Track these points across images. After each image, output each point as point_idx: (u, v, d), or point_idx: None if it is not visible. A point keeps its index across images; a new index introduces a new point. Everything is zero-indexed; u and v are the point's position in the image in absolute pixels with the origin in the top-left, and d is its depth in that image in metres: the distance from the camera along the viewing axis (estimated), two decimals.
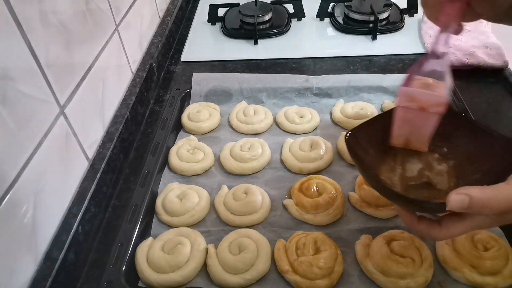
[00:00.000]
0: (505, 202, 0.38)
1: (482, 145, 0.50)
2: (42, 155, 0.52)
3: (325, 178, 0.66)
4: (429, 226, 0.43)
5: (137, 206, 0.62)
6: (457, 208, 0.38)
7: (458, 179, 0.51)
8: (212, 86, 0.86)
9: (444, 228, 0.42)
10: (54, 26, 0.56)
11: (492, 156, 0.48)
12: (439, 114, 0.48)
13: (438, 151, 0.54)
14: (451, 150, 0.53)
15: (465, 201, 0.38)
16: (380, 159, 0.54)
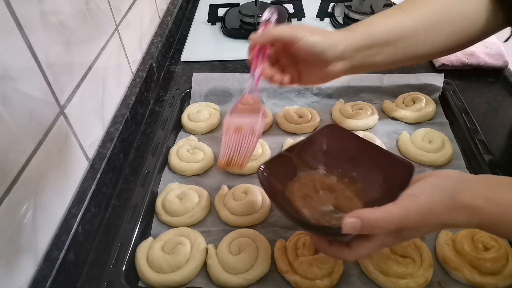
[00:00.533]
0: (392, 221, 0.40)
1: (383, 168, 0.53)
2: (42, 155, 0.52)
3: None
4: (339, 249, 0.45)
5: (137, 206, 0.62)
6: (350, 230, 0.40)
7: (363, 202, 0.54)
8: (212, 86, 0.86)
9: (353, 249, 0.43)
10: (54, 26, 0.56)
11: (391, 178, 0.51)
12: (255, 131, 0.56)
13: (347, 175, 0.57)
14: (358, 174, 0.56)
15: (356, 223, 0.40)
16: (295, 188, 0.56)
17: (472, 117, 0.74)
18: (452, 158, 0.70)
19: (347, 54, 0.54)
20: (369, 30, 0.53)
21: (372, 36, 0.53)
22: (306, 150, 0.58)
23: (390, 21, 0.53)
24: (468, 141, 0.70)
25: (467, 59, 0.90)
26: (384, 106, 0.81)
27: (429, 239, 0.58)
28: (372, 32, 0.53)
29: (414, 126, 0.77)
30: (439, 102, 0.81)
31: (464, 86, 0.87)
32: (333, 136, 0.58)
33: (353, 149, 0.57)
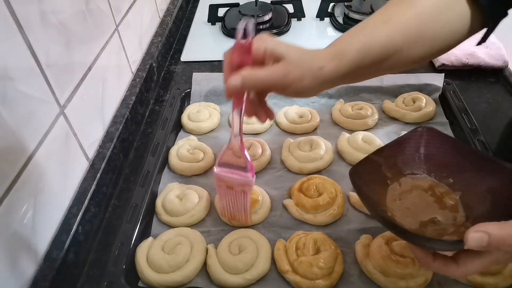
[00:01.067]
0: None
1: (488, 176, 0.49)
2: (42, 155, 0.52)
3: (325, 178, 0.66)
4: (445, 264, 0.42)
5: (137, 206, 0.62)
6: (475, 246, 0.37)
7: (465, 213, 0.50)
8: (212, 86, 0.86)
9: (462, 265, 0.40)
10: (54, 26, 0.56)
11: (497, 187, 0.48)
12: (246, 192, 0.55)
13: (446, 182, 0.53)
14: (456, 182, 0.53)
15: (484, 239, 0.37)
16: (384, 194, 0.53)
17: (472, 117, 0.74)
18: None
19: (333, 86, 0.51)
20: (359, 55, 0.47)
21: (361, 61, 0.48)
22: (397, 154, 0.54)
23: (379, 38, 0.48)
24: (468, 141, 0.70)
25: (467, 59, 0.90)
26: (384, 106, 0.81)
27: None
28: (362, 56, 0.48)
29: (414, 126, 0.76)
30: (439, 102, 0.81)
31: (464, 86, 0.87)
32: (429, 139, 0.54)
33: (451, 154, 0.52)
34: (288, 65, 0.46)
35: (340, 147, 0.73)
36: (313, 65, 0.47)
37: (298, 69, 0.47)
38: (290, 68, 0.46)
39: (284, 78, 0.46)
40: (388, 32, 0.48)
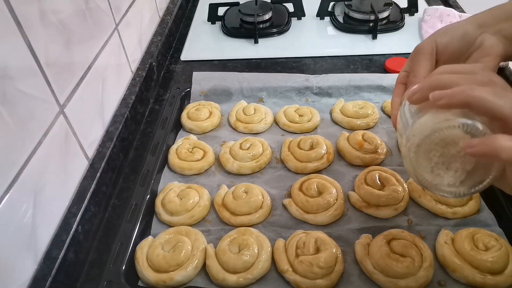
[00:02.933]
0: None
1: None
2: (42, 155, 0.52)
3: (325, 177, 0.66)
4: None
5: (137, 206, 0.62)
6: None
7: None
8: (212, 85, 0.85)
9: None
10: (54, 25, 0.56)
11: None
12: None
13: None
14: None
15: None
16: None
17: None
18: None
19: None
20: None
21: None
22: None
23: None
24: None
25: None
26: (384, 105, 0.81)
27: (429, 239, 0.58)
28: None
29: None
30: None
31: None
32: None
33: None
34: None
35: (340, 147, 0.72)
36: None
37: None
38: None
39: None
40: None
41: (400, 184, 0.64)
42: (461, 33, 0.54)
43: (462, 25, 0.55)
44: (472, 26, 0.55)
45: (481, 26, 0.54)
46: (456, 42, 0.54)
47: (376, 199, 0.62)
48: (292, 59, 1.00)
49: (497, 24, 0.54)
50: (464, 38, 0.54)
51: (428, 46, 0.53)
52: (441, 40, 0.54)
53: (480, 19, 0.55)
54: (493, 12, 0.56)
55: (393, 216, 0.61)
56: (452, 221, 0.60)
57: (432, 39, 0.54)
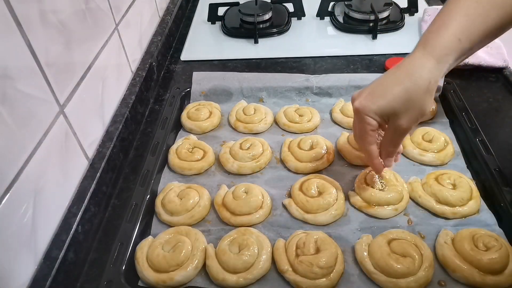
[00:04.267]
0: None
1: None
2: (42, 155, 0.52)
3: (325, 177, 0.66)
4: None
5: (137, 206, 0.62)
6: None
7: None
8: (212, 85, 0.85)
9: None
10: (54, 25, 0.56)
11: None
12: None
13: None
14: None
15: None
16: None
17: (472, 116, 0.74)
18: (452, 157, 0.70)
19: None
20: (465, 44, 0.49)
21: (472, 44, 0.50)
22: None
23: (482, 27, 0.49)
24: (468, 140, 0.70)
25: (467, 59, 0.90)
26: None
27: (429, 239, 0.58)
28: (466, 49, 0.50)
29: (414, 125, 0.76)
30: (439, 101, 0.81)
31: (464, 85, 0.87)
32: None
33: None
34: (405, 117, 0.50)
35: (340, 147, 0.72)
36: (420, 91, 0.48)
37: (413, 110, 0.50)
38: (408, 116, 0.50)
39: (409, 126, 0.51)
40: (483, 11, 0.49)
41: (400, 184, 0.64)
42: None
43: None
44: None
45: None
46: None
47: (377, 199, 0.62)
48: (292, 59, 1.00)
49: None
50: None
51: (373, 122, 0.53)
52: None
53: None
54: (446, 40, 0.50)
55: (393, 216, 0.61)
56: (452, 221, 0.60)
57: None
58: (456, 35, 0.49)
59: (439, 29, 0.50)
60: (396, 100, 0.49)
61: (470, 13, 0.49)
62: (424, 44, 0.50)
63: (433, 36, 0.50)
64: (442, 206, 0.61)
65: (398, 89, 0.49)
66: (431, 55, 0.49)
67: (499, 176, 0.62)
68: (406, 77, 0.49)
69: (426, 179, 0.65)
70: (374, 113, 0.51)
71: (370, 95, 0.52)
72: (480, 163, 0.66)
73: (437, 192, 0.62)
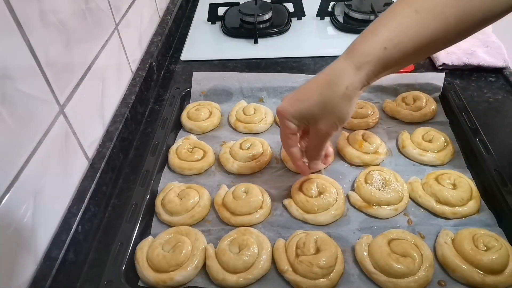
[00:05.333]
0: None
1: None
2: (42, 155, 0.52)
3: (325, 177, 0.66)
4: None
5: (137, 206, 0.62)
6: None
7: None
8: (212, 85, 0.85)
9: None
10: (54, 25, 0.56)
11: None
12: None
13: None
14: None
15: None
16: None
17: (472, 116, 0.74)
18: (452, 157, 0.70)
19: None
20: (388, 55, 0.47)
21: (392, 58, 0.48)
22: None
23: (410, 32, 0.46)
24: (469, 140, 0.70)
25: (467, 59, 0.90)
26: (384, 105, 0.81)
27: (429, 239, 0.58)
28: (392, 53, 0.47)
29: (415, 125, 0.77)
30: (439, 101, 0.81)
31: (464, 85, 0.87)
32: None
33: None
34: (323, 122, 0.51)
35: (340, 147, 0.72)
36: (336, 96, 0.48)
37: (331, 115, 0.50)
38: (326, 121, 0.50)
39: (328, 132, 0.52)
40: (421, 22, 0.46)
41: (400, 184, 0.64)
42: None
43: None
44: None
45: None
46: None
47: (377, 199, 0.62)
48: (292, 59, 1.00)
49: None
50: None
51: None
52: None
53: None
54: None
55: (393, 216, 0.61)
56: (452, 221, 0.60)
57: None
58: (383, 43, 0.47)
59: (367, 36, 0.49)
60: (313, 105, 0.49)
61: (403, 22, 0.47)
62: (350, 49, 0.50)
63: (360, 42, 0.49)
64: (442, 206, 0.61)
65: (316, 94, 0.49)
66: (351, 60, 0.48)
67: (499, 176, 0.62)
68: (325, 82, 0.49)
69: (426, 179, 0.65)
70: (292, 117, 0.51)
71: (292, 99, 0.52)
72: (480, 163, 0.66)
73: (437, 192, 0.62)
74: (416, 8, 0.46)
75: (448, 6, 0.45)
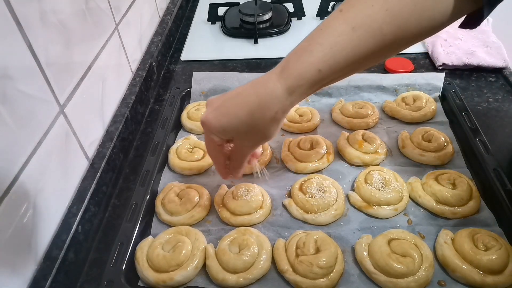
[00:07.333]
0: None
1: None
2: (42, 155, 0.52)
3: (325, 177, 0.66)
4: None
5: (137, 206, 0.62)
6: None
7: None
8: (212, 85, 0.85)
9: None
10: (54, 25, 0.56)
11: None
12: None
13: None
14: None
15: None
16: None
17: (472, 116, 0.74)
18: (452, 157, 0.70)
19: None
20: (321, 76, 0.45)
21: (327, 78, 0.46)
22: None
23: (346, 50, 0.44)
24: (468, 140, 0.70)
25: (467, 59, 0.90)
26: (384, 105, 0.81)
27: (429, 239, 0.58)
28: (327, 74, 0.46)
29: (414, 125, 0.77)
30: (439, 101, 0.81)
31: (464, 85, 0.87)
32: None
33: None
34: (247, 140, 0.50)
35: (340, 147, 0.72)
36: (265, 119, 0.47)
37: (257, 135, 0.49)
38: (251, 139, 0.50)
39: (252, 148, 0.53)
40: (357, 40, 0.44)
41: (400, 184, 0.64)
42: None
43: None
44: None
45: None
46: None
47: (377, 199, 0.62)
48: None
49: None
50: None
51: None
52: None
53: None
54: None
55: (393, 216, 0.62)
56: (452, 221, 0.60)
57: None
58: (317, 65, 0.45)
59: (302, 54, 0.47)
60: (240, 123, 0.47)
61: (339, 41, 0.45)
62: (284, 67, 0.47)
63: (295, 61, 0.47)
64: (442, 206, 0.61)
65: (244, 112, 0.47)
66: (285, 82, 0.46)
67: (499, 176, 0.62)
68: (255, 104, 0.47)
69: (426, 179, 0.65)
70: (217, 131, 0.49)
71: (217, 111, 0.49)
72: (480, 163, 0.66)
73: (437, 192, 0.62)
74: (354, 25, 0.44)
75: (386, 23, 0.43)
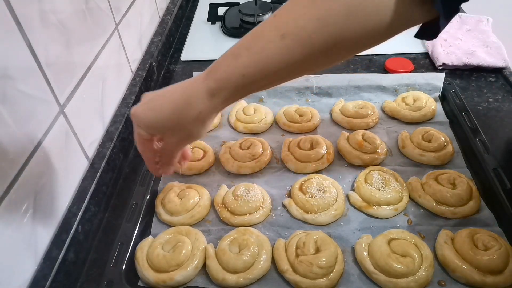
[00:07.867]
0: None
1: None
2: (42, 154, 0.52)
3: (325, 177, 0.66)
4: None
5: (137, 206, 0.62)
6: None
7: None
8: None
9: None
10: (54, 25, 0.56)
11: None
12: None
13: None
14: None
15: None
16: None
17: (472, 116, 0.74)
18: (452, 157, 0.70)
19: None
20: (246, 81, 0.44)
21: (252, 83, 0.45)
22: None
23: (275, 56, 0.43)
24: (468, 140, 0.70)
25: (467, 59, 0.90)
26: (384, 105, 0.81)
27: (429, 239, 0.58)
28: (252, 80, 0.45)
29: (414, 125, 0.77)
30: (439, 101, 0.81)
31: (464, 85, 0.87)
32: None
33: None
34: (172, 137, 0.51)
35: (340, 147, 0.72)
36: (188, 118, 0.48)
37: (181, 132, 0.50)
38: (176, 137, 0.51)
39: (179, 146, 0.53)
40: (285, 48, 0.43)
41: (400, 184, 0.64)
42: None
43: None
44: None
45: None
46: None
47: (377, 199, 0.62)
48: None
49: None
50: None
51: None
52: None
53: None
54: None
55: (393, 216, 0.62)
56: (452, 221, 0.60)
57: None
58: (242, 69, 0.44)
59: (229, 58, 0.46)
60: (165, 119, 0.48)
61: (267, 48, 0.43)
62: (211, 69, 0.47)
63: (221, 63, 0.46)
64: (441, 206, 0.61)
65: (169, 109, 0.48)
66: (208, 84, 0.46)
67: (498, 176, 0.62)
68: (180, 101, 0.48)
69: (426, 179, 0.65)
70: (144, 125, 0.49)
71: (146, 105, 0.50)
72: (480, 163, 0.66)
73: (436, 192, 0.62)
74: (283, 33, 0.42)
75: (316, 32, 0.42)
